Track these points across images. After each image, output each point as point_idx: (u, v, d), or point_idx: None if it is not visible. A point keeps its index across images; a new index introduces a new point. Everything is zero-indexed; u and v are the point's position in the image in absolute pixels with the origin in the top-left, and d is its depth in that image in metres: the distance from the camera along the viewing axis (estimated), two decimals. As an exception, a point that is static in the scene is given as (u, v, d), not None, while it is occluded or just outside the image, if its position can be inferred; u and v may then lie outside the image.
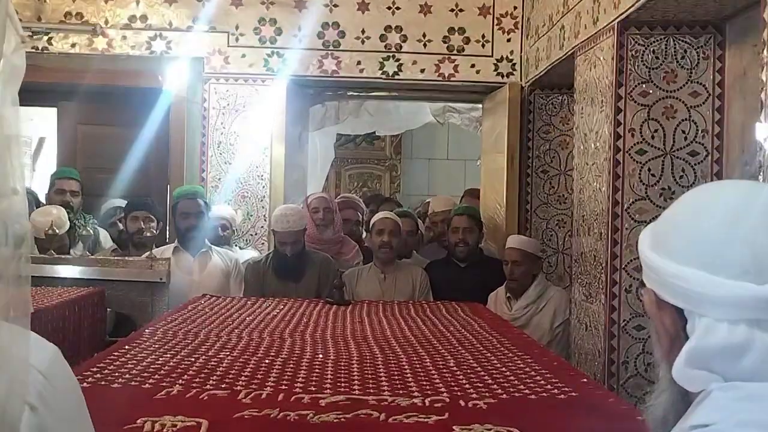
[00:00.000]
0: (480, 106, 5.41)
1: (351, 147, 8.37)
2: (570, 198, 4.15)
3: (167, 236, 4.53)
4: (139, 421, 1.56)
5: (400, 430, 1.61)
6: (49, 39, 4.65)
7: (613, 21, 3.14)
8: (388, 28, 4.73)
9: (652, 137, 3.10)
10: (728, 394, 0.78)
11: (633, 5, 2.93)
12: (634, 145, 3.12)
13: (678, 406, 0.85)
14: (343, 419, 1.65)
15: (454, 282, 4.02)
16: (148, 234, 4.07)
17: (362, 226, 4.75)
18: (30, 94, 4.02)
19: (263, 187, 4.76)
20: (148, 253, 3.94)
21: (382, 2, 4.73)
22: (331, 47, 4.76)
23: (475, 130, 6.26)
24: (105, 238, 4.57)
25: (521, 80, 4.74)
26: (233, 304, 3.50)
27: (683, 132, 3.08)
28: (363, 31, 4.73)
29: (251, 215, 4.76)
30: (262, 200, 4.77)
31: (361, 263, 4.30)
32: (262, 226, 4.80)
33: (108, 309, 3.73)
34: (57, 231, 4.03)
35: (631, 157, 3.11)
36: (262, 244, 4.75)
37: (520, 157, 4.71)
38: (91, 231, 4.22)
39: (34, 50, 4.54)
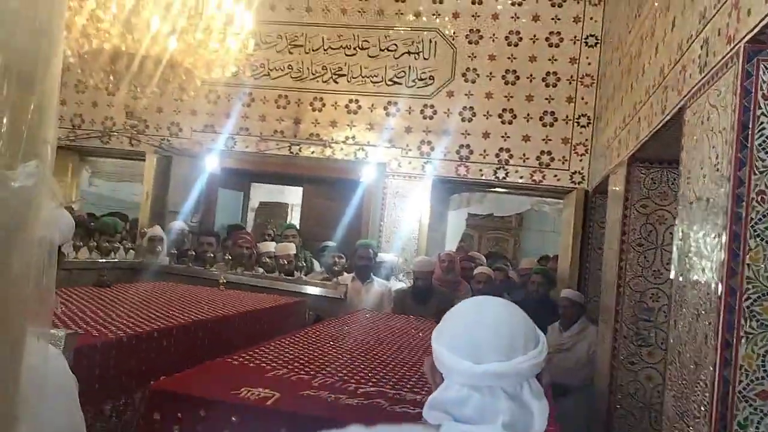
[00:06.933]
0: (561, 201, 6.30)
1: (488, 221, 10.08)
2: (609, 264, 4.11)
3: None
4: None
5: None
6: (300, 148, 6.17)
7: (625, 157, 3.76)
8: (500, 149, 5.96)
9: (647, 235, 3.55)
10: (451, 428, 1.04)
11: (635, 147, 3.43)
12: (632, 236, 3.57)
13: None
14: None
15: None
16: (337, 267, 5.25)
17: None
18: (288, 179, 6.17)
19: (414, 243, 5.96)
20: (335, 279, 5.00)
21: (498, 133, 5.92)
22: (463, 160, 6.00)
23: (559, 215, 7.35)
24: (317, 266, 5.61)
25: (587, 186, 5.70)
26: (379, 317, 3.89)
27: (670, 233, 3.47)
28: (484, 150, 5.98)
29: (408, 260, 5.82)
30: (414, 252, 5.93)
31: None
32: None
33: (309, 312, 4.47)
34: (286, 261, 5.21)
35: (631, 248, 3.56)
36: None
37: (582, 236, 5.60)
38: (304, 263, 5.36)
39: (291, 154, 6.14)
